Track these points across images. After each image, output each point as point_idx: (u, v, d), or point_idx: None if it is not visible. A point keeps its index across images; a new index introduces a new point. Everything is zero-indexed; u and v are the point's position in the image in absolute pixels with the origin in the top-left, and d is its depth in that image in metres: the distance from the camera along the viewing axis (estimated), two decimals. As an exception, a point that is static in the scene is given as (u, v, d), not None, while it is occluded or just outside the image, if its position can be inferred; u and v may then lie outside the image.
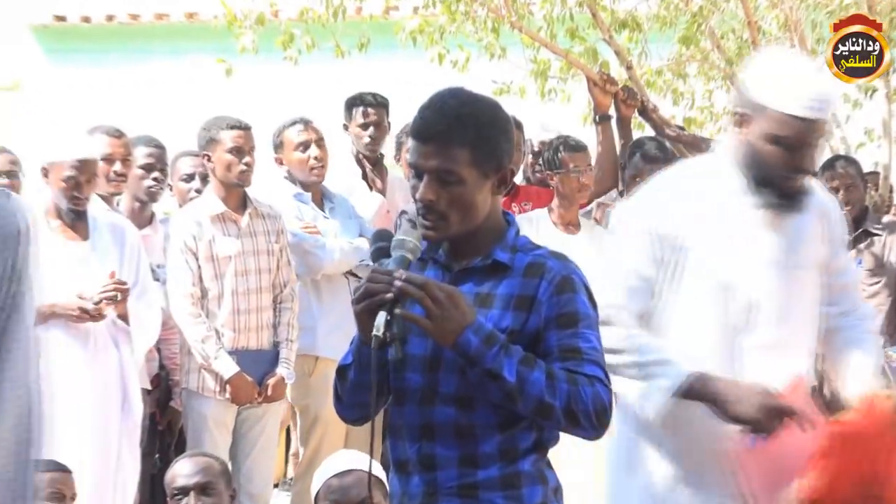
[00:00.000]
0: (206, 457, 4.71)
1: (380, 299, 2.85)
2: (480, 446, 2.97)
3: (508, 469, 2.98)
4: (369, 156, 6.84)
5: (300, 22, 7.12)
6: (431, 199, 2.95)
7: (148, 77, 14.09)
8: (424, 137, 2.96)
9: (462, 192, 2.95)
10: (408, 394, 3.01)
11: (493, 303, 2.98)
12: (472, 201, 2.97)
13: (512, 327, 2.95)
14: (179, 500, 4.50)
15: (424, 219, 2.97)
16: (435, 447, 2.99)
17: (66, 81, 14.28)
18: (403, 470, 3.05)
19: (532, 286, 2.97)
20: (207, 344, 5.85)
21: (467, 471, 2.97)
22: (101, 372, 5.41)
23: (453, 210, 2.96)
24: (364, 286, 2.87)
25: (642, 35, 7.60)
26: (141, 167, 6.20)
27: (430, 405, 2.99)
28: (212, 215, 5.97)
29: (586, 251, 6.18)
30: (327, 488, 4.07)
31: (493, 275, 3.01)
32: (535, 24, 7.41)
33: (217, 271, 5.94)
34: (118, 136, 6.02)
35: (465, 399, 2.97)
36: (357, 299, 2.88)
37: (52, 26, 15.11)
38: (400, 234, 2.97)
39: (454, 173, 2.94)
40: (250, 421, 6.06)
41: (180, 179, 6.47)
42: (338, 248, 6.25)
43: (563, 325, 2.95)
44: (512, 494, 2.98)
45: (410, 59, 7.55)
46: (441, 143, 2.94)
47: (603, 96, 6.71)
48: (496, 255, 3.01)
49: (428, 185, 2.95)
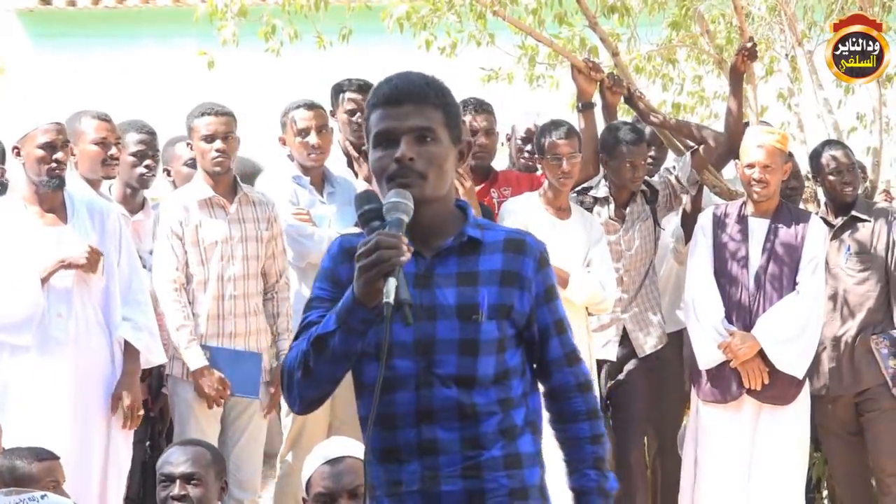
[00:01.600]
0: (199, 446, 4.71)
1: (391, 264, 2.80)
2: (482, 426, 2.98)
3: (509, 448, 3.00)
4: (356, 142, 6.81)
5: (283, 13, 7.06)
6: (412, 156, 2.96)
7: (134, 62, 14.03)
8: (398, 100, 2.99)
9: (439, 152, 3.00)
10: (399, 381, 2.98)
11: (477, 279, 3.01)
12: (446, 163, 3.02)
13: (507, 303, 3.01)
14: (166, 486, 4.50)
15: (403, 178, 2.96)
16: (436, 430, 2.97)
17: (52, 67, 14.21)
18: (393, 458, 3.02)
19: (518, 263, 3.04)
20: (181, 333, 5.84)
21: (471, 452, 2.97)
22: (85, 358, 5.36)
23: (431, 168, 2.98)
24: (377, 252, 2.80)
25: (632, 20, 7.56)
26: (132, 154, 6.16)
27: (427, 388, 2.98)
28: (199, 200, 5.95)
29: (577, 235, 6.19)
30: (320, 475, 4.06)
31: (469, 253, 3.04)
32: (520, 9, 7.36)
33: (203, 256, 5.92)
34: (108, 120, 5.99)
35: (466, 379, 2.98)
36: (368, 264, 2.81)
37: (37, 11, 15.04)
38: (393, 197, 2.92)
39: (432, 131, 2.99)
40: (238, 408, 6.05)
41: (184, 164, 6.44)
42: (327, 238, 6.21)
43: (549, 299, 3.09)
44: (514, 474, 3.00)
45: (398, 45, 7.51)
46: (416, 103, 2.99)
47: (587, 84, 6.69)
48: (469, 232, 3.05)
49: (408, 144, 2.96)
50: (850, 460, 6.57)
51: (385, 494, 3.04)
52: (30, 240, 5.32)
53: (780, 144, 6.20)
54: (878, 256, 6.42)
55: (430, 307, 3.00)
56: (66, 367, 5.31)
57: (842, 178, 6.49)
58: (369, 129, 3.05)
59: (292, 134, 6.35)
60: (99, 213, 5.50)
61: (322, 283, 3.10)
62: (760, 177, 6.17)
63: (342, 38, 7.18)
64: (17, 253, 5.30)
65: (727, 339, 6.14)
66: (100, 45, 14.45)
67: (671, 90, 8.46)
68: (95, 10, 14.89)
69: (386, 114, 2.99)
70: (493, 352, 3.01)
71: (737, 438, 6.19)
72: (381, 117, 3.00)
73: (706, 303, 6.22)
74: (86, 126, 5.89)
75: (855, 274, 6.43)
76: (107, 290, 5.46)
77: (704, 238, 6.32)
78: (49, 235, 5.36)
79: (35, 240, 5.33)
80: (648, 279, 6.57)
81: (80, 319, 5.37)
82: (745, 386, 6.17)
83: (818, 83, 7.51)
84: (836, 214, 6.54)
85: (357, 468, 4.02)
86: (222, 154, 5.94)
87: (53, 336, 5.30)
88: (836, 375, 6.43)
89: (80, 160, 5.87)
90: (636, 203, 6.56)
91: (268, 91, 9.49)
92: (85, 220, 5.44)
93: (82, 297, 5.37)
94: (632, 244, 6.50)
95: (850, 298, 6.42)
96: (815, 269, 6.19)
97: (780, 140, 6.24)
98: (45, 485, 4.38)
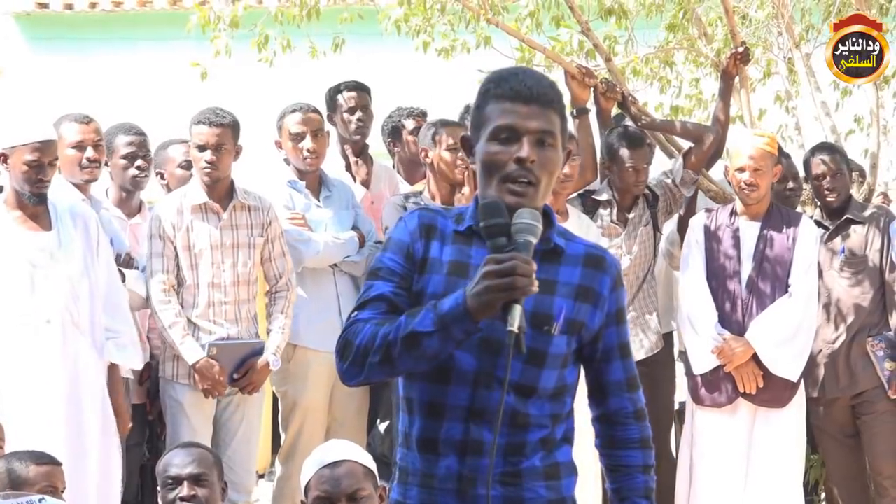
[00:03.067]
0: (199, 448, 4.72)
1: (522, 292, 2.74)
2: (529, 435, 2.94)
3: (549, 459, 2.97)
4: (357, 142, 6.81)
5: (276, 23, 7.06)
6: (535, 158, 2.90)
7: (130, 65, 14.02)
8: (526, 98, 2.93)
9: (555, 158, 2.95)
10: (457, 374, 2.92)
11: (555, 289, 2.95)
12: (557, 171, 2.96)
13: (581, 320, 2.96)
14: (172, 489, 4.50)
15: (517, 182, 2.90)
16: (482, 432, 2.91)
17: (49, 69, 14.19)
18: (431, 449, 2.96)
19: (595, 279, 2.98)
20: (174, 329, 5.84)
21: (512, 459, 2.93)
22: (74, 364, 5.34)
23: (544, 175, 2.93)
24: (513, 277, 2.72)
25: (629, 22, 7.56)
26: (123, 157, 6.14)
27: (486, 389, 2.91)
28: (193, 205, 5.94)
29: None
30: (318, 478, 4.04)
31: (550, 261, 2.97)
32: (516, 12, 7.35)
33: (193, 262, 5.91)
34: (87, 122, 5.91)
35: (527, 388, 2.93)
36: (501, 286, 2.72)
37: (34, 14, 15.02)
38: (526, 217, 2.83)
39: (553, 135, 2.93)
40: (230, 409, 6.05)
41: (178, 166, 6.43)
42: (322, 243, 6.21)
43: (620, 320, 3.03)
44: (553, 485, 2.97)
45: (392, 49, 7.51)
46: (542, 105, 2.93)
47: (581, 90, 6.67)
48: (555, 240, 2.98)
49: (530, 145, 2.90)
50: (847, 463, 6.57)
51: (417, 483, 2.98)
52: (12, 246, 5.29)
53: (769, 147, 6.19)
54: (873, 259, 6.42)
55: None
56: (58, 373, 5.29)
57: (825, 184, 6.48)
58: (485, 118, 2.96)
59: (287, 138, 6.34)
60: (81, 217, 5.47)
61: (395, 255, 2.99)
62: (750, 180, 6.17)
63: (335, 47, 7.20)
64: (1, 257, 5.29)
65: (721, 344, 6.14)
66: (96, 48, 14.44)
67: (669, 93, 8.46)
68: (92, 14, 14.88)
69: (512, 109, 2.92)
70: (557, 366, 2.96)
71: (732, 442, 6.18)
72: (506, 111, 2.92)
73: (700, 308, 6.23)
74: (64, 130, 5.85)
75: (850, 277, 6.43)
76: (91, 294, 5.44)
77: (696, 243, 6.32)
78: (32, 241, 5.33)
79: (17, 246, 5.30)
80: (647, 283, 6.56)
81: (69, 325, 5.34)
82: (740, 390, 6.17)
83: (816, 86, 7.51)
84: (831, 217, 6.54)
85: (356, 472, 4.01)
86: (210, 165, 5.93)
87: (44, 342, 5.29)
88: (833, 378, 6.43)
89: (61, 164, 5.85)
90: (638, 207, 6.56)
91: (263, 96, 9.47)
92: (69, 225, 5.41)
93: (70, 303, 5.35)
94: (632, 248, 6.50)
95: (845, 301, 6.41)
96: (807, 271, 6.19)
97: (769, 142, 6.24)
98: (42, 489, 4.33)
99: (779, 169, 6.33)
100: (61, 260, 5.33)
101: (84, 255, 5.39)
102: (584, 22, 6.93)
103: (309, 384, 6.22)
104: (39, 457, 4.53)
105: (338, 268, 6.30)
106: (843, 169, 6.52)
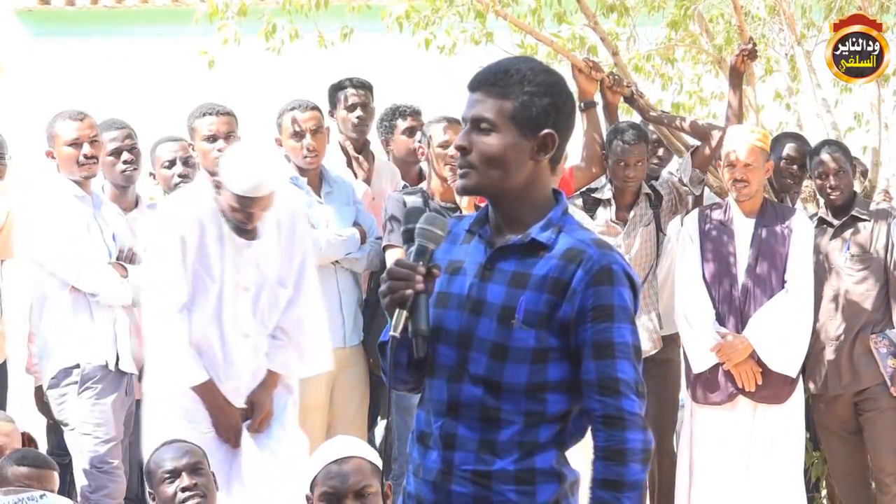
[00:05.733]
0: (185, 442, 4.75)
1: (399, 297, 2.84)
2: (501, 433, 2.92)
3: (524, 463, 2.92)
4: (357, 139, 6.80)
5: (283, 12, 7.05)
6: (462, 144, 2.95)
7: (132, 60, 14.00)
8: (472, 86, 2.99)
9: (492, 143, 2.93)
10: (439, 368, 2.97)
11: (526, 283, 2.93)
12: (503, 156, 2.93)
13: (544, 312, 2.90)
14: (171, 482, 4.51)
15: (457, 169, 2.98)
16: (457, 426, 2.94)
17: (51, 65, 14.18)
18: (424, 442, 3.01)
19: (568, 272, 2.91)
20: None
21: (484, 457, 2.92)
22: None
23: (482, 160, 2.93)
24: (387, 283, 2.86)
25: (630, 19, 7.55)
26: (110, 154, 6.11)
27: (458, 382, 2.95)
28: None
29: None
30: (326, 473, 4.02)
31: (532, 254, 2.96)
32: (521, 7, 7.34)
33: None
34: (81, 119, 5.89)
35: (492, 383, 2.92)
36: (382, 293, 2.88)
37: (36, 10, 15.01)
38: (424, 223, 2.91)
39: (487, 121, 2.93)
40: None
41: (162, 166, 6.42)
42: (323, 240, 6.18)
43: (597, 318, 2.89)
44: (524, 490, 2.92)
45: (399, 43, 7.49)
46: (483, 92, 2.95)
47: (588, 83, 6.66)
48: (533, 234, 2.96)
49: (463, 133, 2.96)
50: (849, 460, 6.57)
51: (412, 472, 3.04)
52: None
53: (760, 143, 6.21)
54: (878, 257, 6.41)
55: (479, 302, 2.95)
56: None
57: (827, 182, 6.47)
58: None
59: (286, 136, 6.33)
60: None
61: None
62: (741, 176, 6.18)
63: (343, 37, 7.17)
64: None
65: (720, 342, 6.15)
66: (98, 43, 14.41)
67: (670, 90, 8.45)
68: (94, 9, 14.86)
69: (467, 99, 3.00)
70: (525, 360, 2.91)
71: (732, 438, 6.19)
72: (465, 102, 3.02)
73: (697, 306, 6.24)
74: (59, 128, 5.84)
75: (854, 273, 6.43)
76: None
77: (691, 242, 6.33)
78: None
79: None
80: (647, 283, 6.54)
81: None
82: (739, 387, 6.18)
83: (817, 83, 7.51)
84: (835, 214, 6.53)
85: (364, 468, 4.00)
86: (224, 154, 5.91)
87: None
88: (835, 375, 6.43)
89: (59, 163, 5.85)
90: (640, 206, 6.54)
91: (268, 89, 9.45)
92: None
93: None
94: (631, 248, 6.48)
95: (849, 298, 6.41)
96: (803, 266, 6.20)
97: (761, 139, 6.25)
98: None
99: (770, 165, 6.35)
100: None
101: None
102: (591, 15, 6.93)
103: (309, 382, 6.21)
104: (38, 459, 4.55)
105: (339, 264, 6.29)
106: (846, 166, 6.52)
